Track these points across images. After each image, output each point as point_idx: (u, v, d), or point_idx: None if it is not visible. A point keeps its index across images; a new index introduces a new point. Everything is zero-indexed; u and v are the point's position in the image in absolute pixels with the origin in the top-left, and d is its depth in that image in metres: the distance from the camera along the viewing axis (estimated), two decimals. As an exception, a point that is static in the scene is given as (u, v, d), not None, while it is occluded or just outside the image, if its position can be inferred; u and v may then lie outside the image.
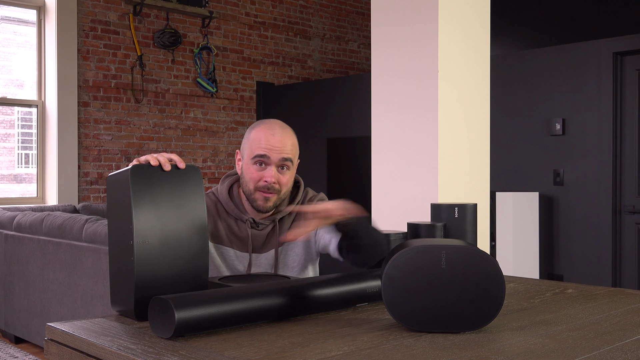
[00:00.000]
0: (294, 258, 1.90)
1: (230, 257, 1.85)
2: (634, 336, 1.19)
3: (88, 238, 3.37)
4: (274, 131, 1.80)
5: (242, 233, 1.86)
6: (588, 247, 4.33)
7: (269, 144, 1.78)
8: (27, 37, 5.43)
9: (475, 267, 1.20)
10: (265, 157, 1.78)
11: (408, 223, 1.81)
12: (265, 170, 1.79)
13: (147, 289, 1.31)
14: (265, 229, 1.87)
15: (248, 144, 1.82)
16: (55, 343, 1.26)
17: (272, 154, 1.78)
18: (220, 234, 1.85)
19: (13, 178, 5.42)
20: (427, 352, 1.08)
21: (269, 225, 1.88)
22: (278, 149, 1.79)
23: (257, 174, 1.79)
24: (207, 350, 1.09)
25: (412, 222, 1.79)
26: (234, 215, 1.87)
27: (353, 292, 1.44)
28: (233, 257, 1.85)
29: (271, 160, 1.78)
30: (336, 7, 7.15)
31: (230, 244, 1.86)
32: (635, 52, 4.23)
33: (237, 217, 1.86)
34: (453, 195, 2.78)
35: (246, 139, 1.85)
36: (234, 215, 1.87)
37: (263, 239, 1.87)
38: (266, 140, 1.78)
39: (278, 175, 1.80)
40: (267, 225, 1.88)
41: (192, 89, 6.02)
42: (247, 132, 1.86)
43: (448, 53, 2.77)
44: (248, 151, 1.81)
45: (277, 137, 1.79)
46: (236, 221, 1.87)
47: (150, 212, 1.34)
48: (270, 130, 1.80)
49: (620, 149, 4.28)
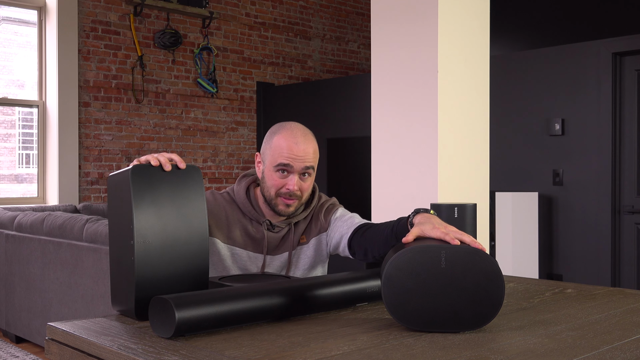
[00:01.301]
0: (305, 260, 1.91)
1: (243, 259, 1.85)
2: (633, 336, 1.19)
3: (89, 238, 3.37)
4: (297, 139, 1.78)
5: (257, 234, 1.86)
6: (587, 247, 4.34)
7: (292, 153, 1.77)
8: (28, 37, 5.43)
9: (474, 267, 1.21)
10: (288, 166, 1.77)
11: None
12: (288, 178, 1.78)
13: (147, 288, 1.32)
14: (280, 231, 1.88)
15: (270, 152, 1.80)
16: (56, 342, 1.27)
17: (296, 163, 1.77)
18: (235, 236, 1.85)
19: (14, 178, 5.42)
20: (427, 351, 1.08)
21: (285, 228, 1.89)
22: (301, 158, 1.77)
23: (279, 181, 1.79)
24: (208, 350, 1.09)
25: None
26: (250, 217, 1.87)
27: (353, 291, 1.44)
28: (246, 259, 1.85)
29: (294, 169, 1.77)
30: (336, 7, 7.16)
31: (244, 245, 1.85)
32: (635, 53, 4.23)
33: (254, 218, 1.86)
34: (453, 195, 2.79)
35: (267, 144, 1.83)
36: (250, 216, 1.86)
37: (277, 241, 1.88)
38: (289, 149, 1.77)
39: (300, 183, 1.80)
40: (282, 228, 1.88)
41: (193, 89, 6.03)
42: (269, 136, 1.84)
43: (448, 53, 2.78)
44: (271, 158, 1.80)
45: (300, 147, 1.77)
46: (251, 222, 1.87)
47: (151, 212, 1.34)
48: (293, 139, 1.78)
49: (619, 149, 4.28)
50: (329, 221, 1.91)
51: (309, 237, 1.91)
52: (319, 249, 1.92)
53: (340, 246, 1.87)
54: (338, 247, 1.89)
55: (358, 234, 1.80)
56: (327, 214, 1.92)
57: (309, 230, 1.91)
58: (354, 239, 1.80)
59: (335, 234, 1.88)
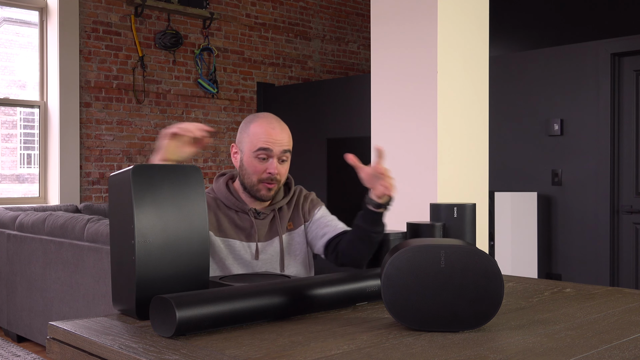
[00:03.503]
0: (296, 247, 2.00)
1: (237, 248, 1.92)
2: (631, 335, 1.19)
3: (90, 238, 3.38)
4: (274, 125, 1.90)
5: (244, 224, 1.94)
6: (586, 247, 4.34)
7: (271, 137, 1.88)
8: (29, 38, 5.44)
9: (474, 266, 1.21)
10: (268, 150, 1.88)
11: (407, 223, 1.82)
12: (268, 163, 1.89)
13: (148, 288, 1.32)
14: (266, 218, 1.96)
15: (249, 139, 1.90)
16: (57, 342, 1.27)
17: (275, 147, 1.88)
18: (225, 227, 1.92)
19: (15, 178, 5.43)
20: (427, 350, 1.09)
21: (270, 214, 1.97)
22: (279, 142, 1.89)
23: (260, 166, 1.89)
24: (208, 349, 1.10)
25: (412, 222, 1.80)
26: (235, 208, 1.94)
27: (353, 291, 1.45)
28: (240, 248, 1.92)
29: (274, 153, 1.88)
30: (336, 8, 7.16)
31: (235, 236, 1.92)
32: (633, 53, 4.23)
33: (238, 208, 1.94)
34: (452, 195, 2.79)
35: (244, 133, 1.92)
36: (235, 207, 1.94)
37: (266, 228, 1.96)
38: (267, 134, 1.88)
39: (279, 167, 1.90)
40: (267, 215, 1.97)
41: (193, 90, 6.03)
42: (244, 126, 1.94)
43: (447, 54, 2.78)
44: (249, 145, 1.89)
45: (277, 131, 1.90)
46: (237, 213, 1.94)
47: (152, 212, 1.35)
48: (269, 125, 1.90)
49: (618, 149, 4.29)
50: (312, 215, 2.03)
51: (296, 224, 2.01)
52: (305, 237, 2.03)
53: (317, 244, 1.99)
54: (314, 244, 2.01)
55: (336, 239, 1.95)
56: (312, 208, 2.05)
57: (294, 218, 2.02)
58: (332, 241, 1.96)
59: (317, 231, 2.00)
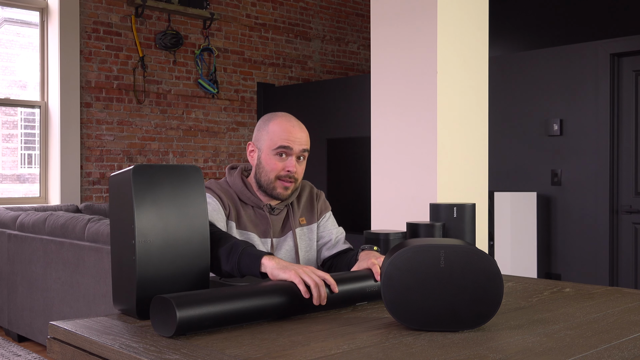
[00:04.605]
0: (309, 243, 2.02)
1: (255, 243, 1.92)
2: (630, 334, 1.20)
3: (90, 237, 3.38)
4: (293, 123, 1.91)
5: (260, 220, 1.94)
6: (585, 247, 4.34)
7: (291, 135, 1.88)
8: (30, 38, 5.45)
9: (473, 266, 1.21)
10: (287, 149, 1.88)
11: (407, 223, 1.82)
12: (287, 161, 1.89)
13: (148, 288, 1.33)
14: (280, 213, 1.98)
15: (268, 136, 1.90)
16: (57, 341, 1.27)
17: (294, 145, 1.88)
18: (243, 221, 1.92)
19: (16, 178, 5.44)
20: (426, 350, 1.09)
21: (283, 210, 1.98)
22: (299, 140, 1.89)
23: (279, 164, 1.89)
24: (208, 349, 1.10)
25: (411, 222, 1.81)
26: (251, 203, 1.94)
27: (353, 291, 1.45)
28: (258, 243, 1.92)
29: (293, 151, 1.89)
30: (336, 8, 7.16)
31: (253, 230, 1.93)
32: (633, 54, 4.24)
33: (253, 204, 1.94)
34: (452, 195, 2.80)
35: (263, 131, 1.92)
36: (250, 202, 1.94)
37: (280, 223, 1.97)
38: (288, 132, 1.88)
39: (297, 165, 1.91)
40: (281, 210, 1.98)
41: (194, 90, 6.04)
42: (263, 124, 1.94)
43: (447, 54, 2.78)
44: (269, 142, 1.89)
45: (297, 129, 1.90)
46: (253, 208, 1.95)
47: (152, 212, 1.35)
48: (289, 123, 1.90)
49: (617, 149, 4.29)
50: (322, 217, 2.06)
51: (309, 220, 2.03)
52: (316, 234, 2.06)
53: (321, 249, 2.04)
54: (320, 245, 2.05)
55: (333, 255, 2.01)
56: (324, 209, 2.07)
57: (307, 214, 2.03)
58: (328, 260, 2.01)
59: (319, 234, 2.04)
